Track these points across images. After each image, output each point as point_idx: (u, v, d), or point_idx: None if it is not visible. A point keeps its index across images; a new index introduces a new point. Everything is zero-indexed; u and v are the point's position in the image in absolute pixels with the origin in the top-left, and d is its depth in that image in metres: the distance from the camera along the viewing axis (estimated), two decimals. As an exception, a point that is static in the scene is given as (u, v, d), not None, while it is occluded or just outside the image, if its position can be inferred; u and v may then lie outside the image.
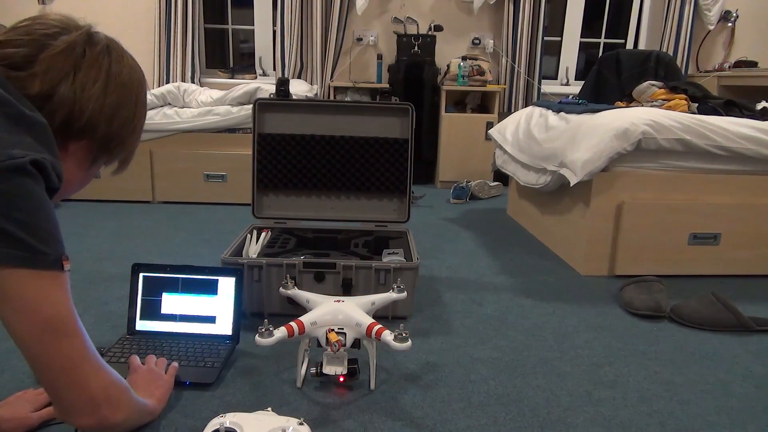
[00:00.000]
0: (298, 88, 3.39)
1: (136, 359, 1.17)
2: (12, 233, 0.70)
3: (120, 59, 0.89)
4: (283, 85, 1.90)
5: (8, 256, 0.70)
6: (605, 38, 4.40)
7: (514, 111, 3.79)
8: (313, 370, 1.22)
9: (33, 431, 1.03)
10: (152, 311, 1.39)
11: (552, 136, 2.29)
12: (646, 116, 1.97)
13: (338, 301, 1.27)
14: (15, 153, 0.70)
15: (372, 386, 1.23)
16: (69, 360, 0.78)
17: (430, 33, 3.82)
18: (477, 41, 4.12)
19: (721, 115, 2.14)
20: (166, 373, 1.17)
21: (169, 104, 3.14)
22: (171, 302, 1.39)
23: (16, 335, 0.75)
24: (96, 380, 0.81)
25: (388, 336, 1.15)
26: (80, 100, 0.81)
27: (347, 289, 1.59)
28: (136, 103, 0.90)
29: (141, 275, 1.39)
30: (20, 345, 0.76)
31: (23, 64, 0.78)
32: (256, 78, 4.10)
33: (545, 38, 4.02)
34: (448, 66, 3.84)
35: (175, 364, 1.20)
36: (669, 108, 2.29)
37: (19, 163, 0.69)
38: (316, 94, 3.83)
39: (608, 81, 3.24)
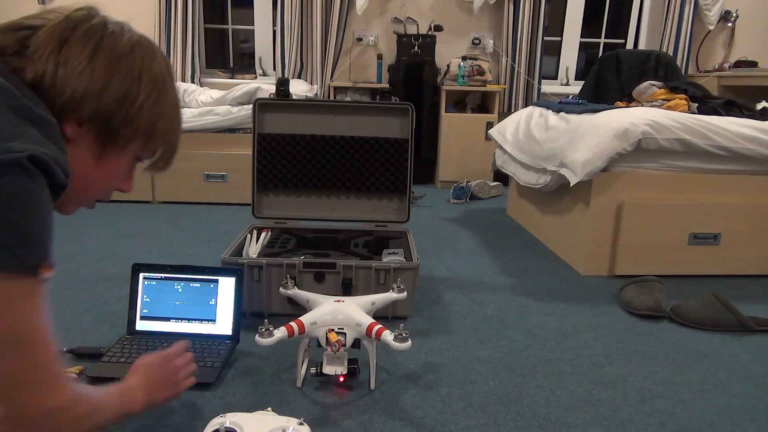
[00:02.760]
0: (298, 88, 3.39)
1: (176, 349, 1.08)
2: None
3: (119, 33, 0.82)
4: (283, 85, 1.90)
5: None
6: (605, 38, 4.40)
7: (514, 111, 3.79)
8: (313, 370, 1.22)
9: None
10: (152, 311, 1.39)
11: (552, 136, 2.29)
12: (646, 116, 1.97)
13: (338, 301, 1.27)
14: (12, 146, 0.65)
15: (372, 386, 1.23)
16: (13, 375, 0.71)
17: (430, 33, 3.82)
18: (477, 41, 4.12)
19: (721, 115, 2.14)
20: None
21: (169, 104, 3.13)
22: (171, 302, 1.39)
23: None
24: (45, 400, 0.73)
25: (388, 336, 1.15)
26: (62, 74, 0.75)
27: (347, 289, 1.59)
28: (139, 76, 0.81)
29: (141, 275, 1.39)
30: None
31: (18, 50, 0.75)
32: (256, 78, 4.10)
33: (545, 38, 4.02)
34: (448, 66, 3.84)
35: (192, 379, 1.10)
36: (669, 108, 2.29)
37: (15, 157, 0.65)
38: (316, 94, 3.83)
39: (608, 81, 3.24)
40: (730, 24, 4.21)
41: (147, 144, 0.86)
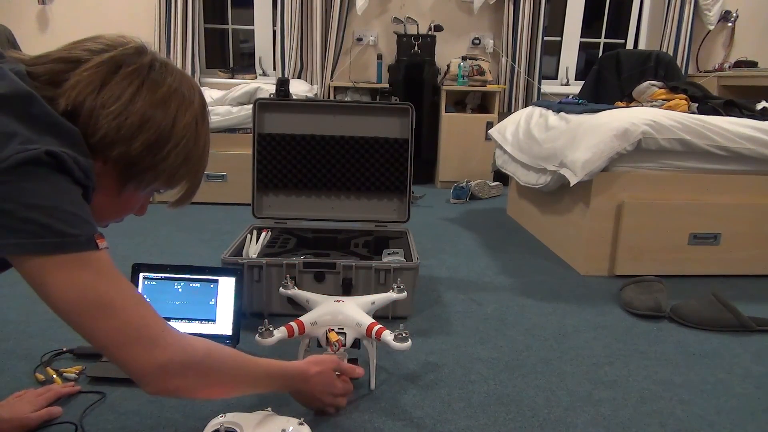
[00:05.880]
0: (298, 88, 3.39)
1: (355, 373, 1.15)
2: (36, 221, 0.68)
3: (160, 79, 0.81)
4: (283, 85, 1.90)
5: (37, 245, 0.68)
6: (605, 38, 4.40)
7: (514, 111, 3.79)
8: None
9: None
10: (152, 311, 1.39)
11: (552, 136, 2.29)
12: (646, 116, 1.97)
13: (338, 301, 1.27)
14: (30, 147, 0.68)
15: (372, 386, 1.23)
16: (110, 339, 0.75)
17: (430, 33, 3.82)
18: (477, 41, 4.12)
19: (721, 115, 2.14)
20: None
21: (169, 104, 3.13)
22: (171, 302, 1.39)
23: (59, 315, 0.73)
24: (147, 357, 0.77)
25: (388, 336, 1.15)
26: (97, 116, 0.76)
27: (347, 289, 1.59)
28: (171, 126, 0.81)
29: (141, 275, 1.39)
30: (67, 322, 0.74)
31: (54, 80, 0.76)
32: (256, 78, 4.10)
33: (545, 38, 4.02)
34: (448, 66, 3.84)
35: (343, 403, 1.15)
36: (669, 108, 2.29)
37: (33, 154, 0.68)
38: (316, 94, 3.83)
39: (608, 81, 3.24)
40: (730, 24, 4.21)
41: (168, 184, 0.88)
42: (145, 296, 1.34)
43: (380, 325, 1.18)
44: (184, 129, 0.83)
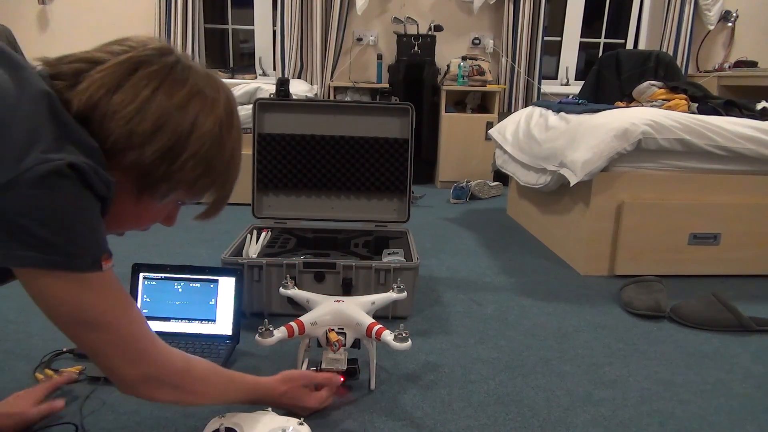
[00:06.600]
0: (298, 88, 3.39)
1: (322, 376, 1.14)
2: (45, 239, 0.68)
3: (180, 80, 0.77)
4: (283, 85, 1.90)
5: (43, 261, 0.69)
6: (605, 38, 4.40)
7: (514, 111, 3.79)
8: (313, 369, 1.22)
9: (32, 427, 1.03)
10: (152, 311, 1.39)
11: (552, 136, 2.29)
12: (646, 116, 1.97)
13: (338, 301, 1.27)
14: (52, 157, 0.67)
15: (372, 386, 1.23)
16: (98, 350, 0.79)
17: (430, 33, 3.82)
18: (477, 41, 4.12)
19: (721, 115, 2.14)
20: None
21: (169, 104, 3.13)
22: (171, 302, 1.39)
23: (52, 322, 0.76)
24: (130, 369, 0.81)
25: (388, 336, 1.15)
26: (109, 120, 0.73)
27: (347, 289, 1.59)
28: (188, 133, 0.76)
29: (141, 275, 1.39)
30: (58, 328, 0.77)
31: (71, 82, 0.73)
32: (256, 78, 4.09)
33: (545, 38, 4.02)
34: (448, 66, 3.84)
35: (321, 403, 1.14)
36: (669, 108, 2.29)
37: (56, 165, 0.66)
38: (316, 94, 3.83)
39: (608, 81, 3.24)
40: (730, 24, 4.21)
41: (189, 195, 0.84)
42: (141, 302, 1.37)
43: (380, 325, 1.18)
44: (204, 136, 0.78)
